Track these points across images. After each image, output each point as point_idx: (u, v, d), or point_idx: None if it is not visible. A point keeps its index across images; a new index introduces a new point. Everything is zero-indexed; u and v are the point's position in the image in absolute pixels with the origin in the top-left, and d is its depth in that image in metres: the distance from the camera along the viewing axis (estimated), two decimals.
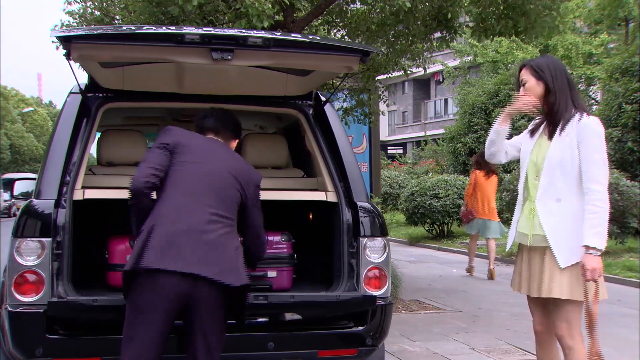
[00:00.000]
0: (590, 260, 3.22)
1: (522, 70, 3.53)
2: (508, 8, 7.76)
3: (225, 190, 3.35)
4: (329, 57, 3.83)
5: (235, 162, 3.51)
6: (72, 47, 3.46)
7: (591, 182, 3.27)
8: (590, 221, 3.24)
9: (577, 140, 3.30)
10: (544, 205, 3.38)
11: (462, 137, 21.88)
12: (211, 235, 3.18)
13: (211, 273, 3.11)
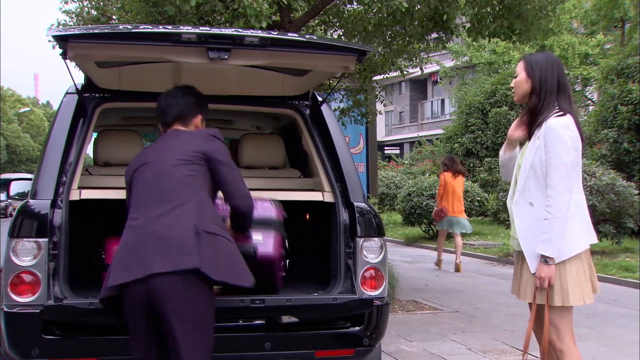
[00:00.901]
0: (541, 269, 3.23)
1: (519, 62, 3.48)
2: (504, 9, 7.78)
3: (171, 176, 3.21)
4: (325, 56, 3.83)
5: (184, 141, 3.36)
6: (69, 46, 3.46)
7: (549, 188, 3.23)
8: (542, 228, 3.23)
9: (544, 142, 3.26)
10: (519, 209, 3.37)
11: (459, 137, 21.91)
12: (158, 228, 3.07)
13: (160, 267, 2.98)
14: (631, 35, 23.23)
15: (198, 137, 3.39)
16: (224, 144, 3.41)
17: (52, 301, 3.56)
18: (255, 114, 5.41)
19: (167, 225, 3.08)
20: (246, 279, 3.21)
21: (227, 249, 3.18)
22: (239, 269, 3.20)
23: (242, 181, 3.37)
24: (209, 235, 3.10)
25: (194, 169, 3.25)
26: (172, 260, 2.99)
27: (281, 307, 3.83)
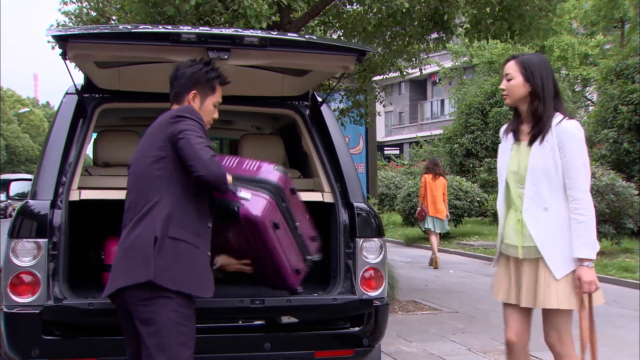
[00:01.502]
0: (586, 273, 3.12)
1: (509, 63, 3.30)
2: (503, 10, 7.78)
3: (144, 177, 3.03)
4: (325, 56, 3.83)
5: (153, 131, 3.12)
6: (69, 46, 3.46)
7: (575, 190, 3.15)
8: (578, 231, 3.13)
9: (559, 146, 3.16)
10: (532, 215, 3.22)
11: (458, 138, 21.90)
12: (128, 238, 3.00)
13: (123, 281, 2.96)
14: (630, 35, 23.25)
15: (162, 124, 3.08)
16: (193, 121, 3.03)
17: (52, 301, 3.56)
18: (255, 115, 5.40)
19: (135, 235, 2.97)
20: (203, 289, 3.04)
21: (187, 256, 2.98)
22: (197, 278, 3.02)
23: (202, 150, 2.93)
24: (172, 241, 2.94)
25: (162, 164, 3.00)
26: (130, 273, 2.94)
27: (281, 307, 3.83)
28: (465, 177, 18.51)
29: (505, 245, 3.37)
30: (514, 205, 3.33)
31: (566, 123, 3.19)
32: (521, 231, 3.26)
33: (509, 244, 3.34)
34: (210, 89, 3.25)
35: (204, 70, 3.23)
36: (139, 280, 2.91)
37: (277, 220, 3.44)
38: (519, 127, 3.33)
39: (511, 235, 3.32)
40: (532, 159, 3.20)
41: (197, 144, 2.94)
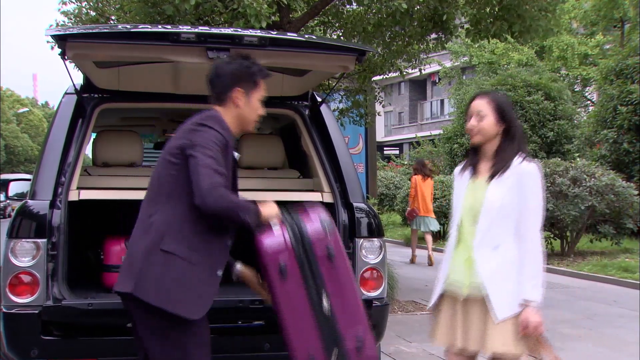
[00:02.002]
0: (533, 315, 2.98)
1: (480, 101, 3.16)
2: (503, 10, 7.78)
3: (156, 179, 2.95)
4: (325, 56, 3.83)
5: (181, 127, 2.99)
6: (68, 46, 3.45)
7: (527, 231, 3.05)
8: (528, 272, 3.01)
9: (518, 186, 3.05)
10: (482, 253, 3.08)
11: (458, 138, 21.89)
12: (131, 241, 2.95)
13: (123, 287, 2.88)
14: (630, 35, 23.25)
15: (186, 128, 2.94)
16: (214, 133, 2.87)
17: (51, 302, 3.56)
18: None
19: (134, 241, 2.92)
20: (187, 309, 2.82)
21: (178, 272, 2.81)
22: (184, 297, 2.81)
23: (206, 175, 2.75)
24: (164, 254, 2.80)
25: (177, 169, 2.86)
26: (121, 279, 2.91)
27: None
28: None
29: (450, 283, 3.18)
30: (464, 243, 3.16)
31: (528, 164, 3.10)
32: (469, 268, 3.10)
33: (454, 281, 3.16)
34: (254, 84, 3.04)
35: (245, 65, 3.02)
36: (124, 290, 2.85)
37: (287, 265, 2.98)
38: (477, 164, 3.21)
39: (457, 273, 3.16)
40: (490, 195, 3.08)
41: (203, 166, 2.76)
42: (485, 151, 3.18)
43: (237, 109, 3.02)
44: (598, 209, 11.52)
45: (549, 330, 7.00)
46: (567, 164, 12.27)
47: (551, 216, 11.49)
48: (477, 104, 3.15)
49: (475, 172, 3.21)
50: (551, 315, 7.58)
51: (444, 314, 3.21)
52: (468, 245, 3.14)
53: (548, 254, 12.71)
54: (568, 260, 12.00)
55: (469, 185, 3.20)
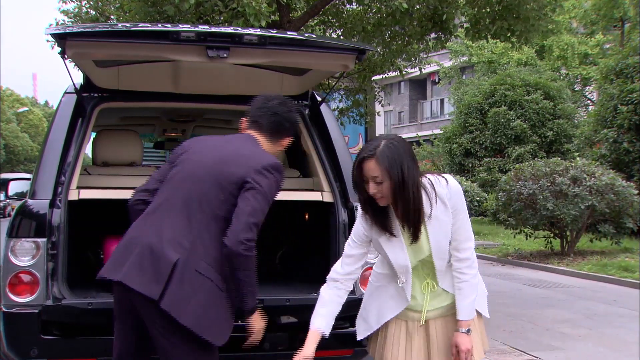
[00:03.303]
0: (465, 340, 2.77)
1: (368, 164, 2.66)
2: (503, 10, 7.78)
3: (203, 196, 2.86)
4: (325, 55, 3.82)
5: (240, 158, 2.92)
6: (67, 44, 3.44)
7: (463, 251, 2.80)
8: (464, 291, 2.79)
9: (452, 212, 2.76)
10: (444, 278, 2.83)
11: (457, 138, 21.92)
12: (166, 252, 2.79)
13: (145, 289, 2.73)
14: (630, 35, 23.25)
15: (250, 163, 2.88)
16: (274, 182, 2.91)
17: (51, 301, 3.56)
18: None
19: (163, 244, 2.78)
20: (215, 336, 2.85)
21: (209, 297, 2.81)
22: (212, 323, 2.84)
23: (246, 222, 2.80)
24: (198, 276, 2.78)
25: (229, 194, 2.84)
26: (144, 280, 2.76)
27: (280, 307, 3.82)
28: (464, 177, 18.51)
29: (405, 313, 2.88)
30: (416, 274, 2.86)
31: (450, 184, 2.78)
32: (432, 293, 2.85)
33: (409, 310, 2.87)
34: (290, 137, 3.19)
35: (297, 122, 3.26)
36: (148, 294, 2.72)
37: None
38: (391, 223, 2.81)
39: (416, 300, 2.86)
40: (434, 239, 2.77)
41: (251, 216, 2.82)
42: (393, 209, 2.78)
43: (277, 151, 3.13)
44: (598, 209, 11.53)
45: (549, 330, 7.04)
46: (567, 164, 12.27)
47: (551, 215, 11.50)
48: (370, 170, 2.66)
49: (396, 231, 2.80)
50: (551, 315, 7.59)
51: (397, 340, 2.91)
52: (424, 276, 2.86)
53: (548, 253, 12.73)
54: (568, 260, 12.01)
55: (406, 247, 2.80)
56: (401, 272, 2.84)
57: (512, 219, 12.31)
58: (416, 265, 2.83)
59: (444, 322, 2.88)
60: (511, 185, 12.07)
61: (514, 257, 12.88)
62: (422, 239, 2.78)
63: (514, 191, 11.89)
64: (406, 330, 2.91)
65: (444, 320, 2.88)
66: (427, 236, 2.78)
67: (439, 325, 2.88)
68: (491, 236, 15.65)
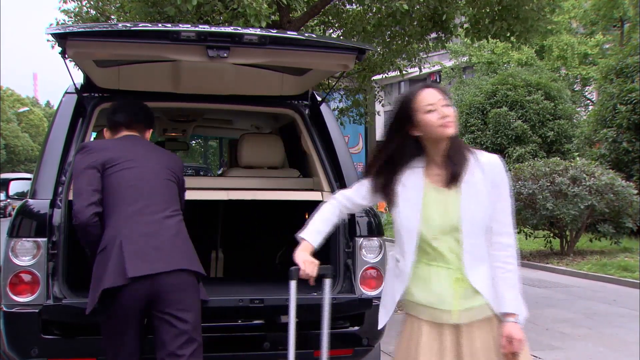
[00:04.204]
0: (517, 330, 2.56)
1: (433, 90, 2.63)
2: (503, 10, 7.78)
3: (166, 184, 3.39)
4: (325, 54, 3.83)
5: (162, 155, 3.55)
6: (68, 44, 3.45)
7: (506, 236, 2.63)
8: (510, 281, 2.60)
9: (492, 186, 2.61)
10: (476, 272, 2.61)
11: None
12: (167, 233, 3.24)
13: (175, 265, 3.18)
14: (630, 35, 23.25)
15: (172, 155, 3.64)
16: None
17: (51, 301, 3.56)
18: (254, 114, 5.40)
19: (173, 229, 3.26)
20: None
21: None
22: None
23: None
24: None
25: (175, 183, 3.48)
26: (189, 260, 3.25)
27: (280, 307, 3.83)
28: None
29: (430, 310, 2.65)
30: (443, 262, 2.63)
31: (490, 157, 2.66)
32: (459, 292, 2.61)
33: (437, 308, 2.63)
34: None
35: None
36: (198, 269, 3.26)
37: None
38: (428, 170, 2.67)
39: (444, 298, 2.62)
40: (467, 207, 2.59)
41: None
42: (434, 153, 2.66)
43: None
44: (597, 208, 11.53)
45: (548, 330, 7.05)
46: (566, 163, 12.28)
47: (551, 215, 11.50)
48: (436, 93, 2.62)
49: (429, 179, 2.66)
50: (551, 315, 7.59)
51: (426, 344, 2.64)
52: (451, 265, 2.63)
53: (547, 253, 12.73)
54: (568, 260, 12.01)
55: (427, 194, 2.64)
56: (407, 240, 2.65)
57: None
58: (442, 243, 2.61)
59: (479, 328, 2.62)
60: (511, 185, 12.06)
61: None
62: (452, 201, 2.60)
63: (514, 191, 11.90)
64: (438, 338, 2.64)
65: (478, 326, 2.62)
66: (458, 201, 2.60)
67: (473, 332, 2.61)
68: None
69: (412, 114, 2.62)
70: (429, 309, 2.65)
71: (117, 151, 3.35)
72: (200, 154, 28.12)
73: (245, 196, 4.30)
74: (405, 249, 2.68)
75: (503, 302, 2.59)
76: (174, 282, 3.12)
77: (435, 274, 2.65)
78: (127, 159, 3.32)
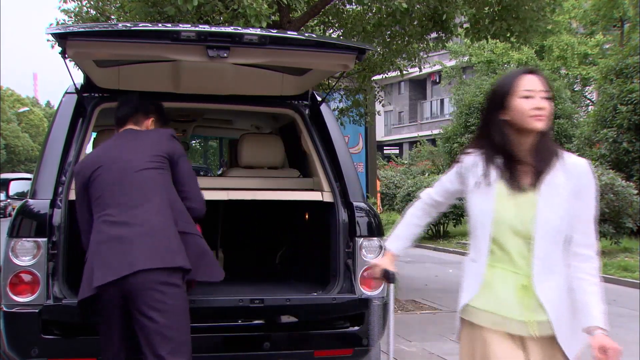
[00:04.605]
0: (610, 339, 2.43)
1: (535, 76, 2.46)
2: (502, 10, 7.78)
3: (148, 176, 3.34)
4: (325, 54, 3.83)
5: (147, 142, 3.48)
6: (68, 44, 3.45)
7: (589, 248, 2.45)
8: (596, 296, 2.40)
9: (574, 191, 2.43)
10: (543, 283, 2.42)
11: (458, 138, 21.91)
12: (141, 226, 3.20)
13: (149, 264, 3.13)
14: (630, 35, 23.25)
15: (159, 137, 3.52)
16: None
17: (51, 301, 3.56)
18: (254, 114, 5.40)
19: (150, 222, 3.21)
20: (215, 274, 3.47)
21: (197, 247, 3.37)
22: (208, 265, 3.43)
23: (197, 184, 3.55)
24: (183, 235, 3.28)
25: (162, 167, 3.39)
26: (160, 257, 3.15)
27: (280, 307, 3.83)
28: None
29: (501, 319, 2.45)
30: (513, 266, 2.46)
31: (578, 160, 2.47)
32: (529, 300, 2.43)
33: (505, 317, 2.44)
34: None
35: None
36: (178, 264, 3.17)
37: None
38: (510, 167, 2.49)
39: (508, 304, 2.45)
40: (544, 210, 2.42)
41: (195, 178, 3.57)
42: (518, 145, 2.47)
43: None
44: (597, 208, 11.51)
45: None
46: None
47: None
48: (538, 82, 2.44)
49: (508, 178, 2.48)
50: None
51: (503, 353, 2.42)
52: (520, 270, 2.45)
53: None
54: None
55: (500, 193, 2.47)
56: (480, 233, 2.49)
57: None
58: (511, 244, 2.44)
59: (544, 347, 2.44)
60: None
61: None
62: (529, 201, 2.43)
63: None
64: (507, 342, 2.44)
65: (544, 344, 2.43)
66: (535, 202, 2.42)
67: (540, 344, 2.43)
68: None
69: (507, 97, 2.45)
70: (493, 316, 2.45)
71: (103, 154, 3.47)
72: (200, 154, 28.13)
73: (245, 196, 4.30)
74: (479, 246, 2.51)
75: (591, 315, 2.39)
76: (140, 281, 3.09)
77: (501, 278, 2.47)
78: (112, 159, 3.38)
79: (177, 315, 3.15)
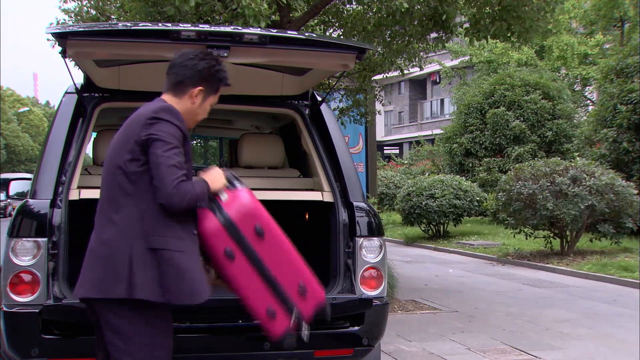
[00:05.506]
0: None
1: None
2: (502, 10, 7.78)
3: (114, 179, 2.90)
4: (325, 54, 3.82)
5: (124, 130, 2.96)
6: (68, 44, 3.45)
7: None
8: None
9: None
10: None
11: (458, 138, 21.91)
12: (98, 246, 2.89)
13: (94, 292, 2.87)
14: (630, 35, 23.25)
15: (138, 122, 2.91)
16: (171, 126, 2.86)
17: (52, 301, 3.56)
18: (254, 114, 5.40)
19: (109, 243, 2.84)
20: (196, 296, 2.87)
21: (171, 264, 2.83)
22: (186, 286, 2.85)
23: (169, 172, 2.77)
24: (152, 252, 2.81)
25: (136, 166, 2.85)
26: (103, 286, 2.83)
27: None
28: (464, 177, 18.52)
29: None
30: None
31: None
32: None
33: None
34: (215, 90, 3.08)
35: (216, 69, 3.05)
36: (116, 296, 2.80)
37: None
38: None
39: None
40: None
41: (164, 164, 2.77)
42: None
43: (191, 106, 3.03)
44: (598, 208, 11.52)
45: (548, 330, 7.05)
46: (566, 163, 12.28)
47: (551, 215, 11.50)
48: None
49: None
50: (551, 315, 7.59)
51: None
52: None
53: (548, 253, 12.73)
54: (568, 260, 12.01)
55: None
56: None
57: (512, 219, 12.31)
58: None
59: None
60: (511, 185, 12.07)
61: (514, 257, 12.88)
62: None
63: (514, 191, 11.89)
64: None
65: None
66: None
67: None
68: (491, 236, 15.65)
69: None
70: None
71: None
72: (200, 154, 28.13)
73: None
74: None
75: None
76: (97, 305, 2.90)
77: None
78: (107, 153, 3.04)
79: (129, 341, 2.84)
